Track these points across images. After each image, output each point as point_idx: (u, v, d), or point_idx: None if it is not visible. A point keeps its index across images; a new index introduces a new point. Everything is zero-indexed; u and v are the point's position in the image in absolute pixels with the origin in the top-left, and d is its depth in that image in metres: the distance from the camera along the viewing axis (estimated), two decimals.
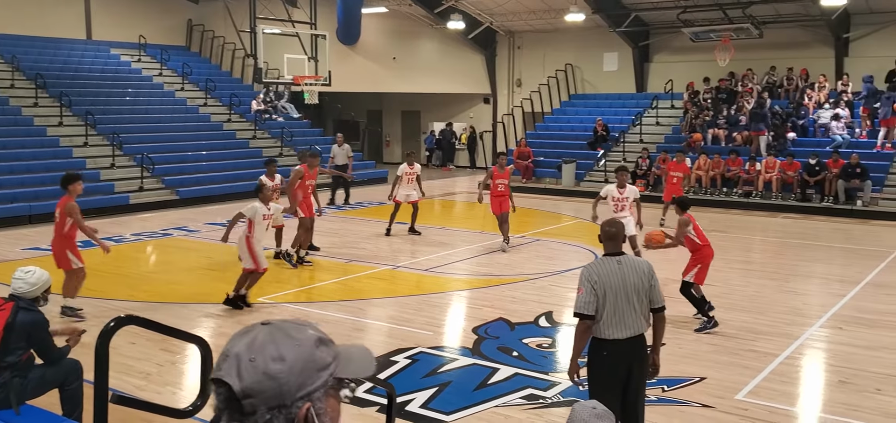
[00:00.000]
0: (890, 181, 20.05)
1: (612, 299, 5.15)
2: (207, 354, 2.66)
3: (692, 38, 24.65)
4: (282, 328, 1.40)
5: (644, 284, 5.24)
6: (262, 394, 1.33)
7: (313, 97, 25.58)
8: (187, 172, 21.84)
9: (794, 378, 8.05)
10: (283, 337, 1.38)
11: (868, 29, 23.77)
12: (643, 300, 5.24)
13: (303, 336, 1.39)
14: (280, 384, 1.34)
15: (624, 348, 5.19)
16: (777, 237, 17.43)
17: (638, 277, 5.23)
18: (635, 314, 5.20)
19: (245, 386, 1.34)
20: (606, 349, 5.21)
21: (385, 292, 11.67)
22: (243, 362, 1.35)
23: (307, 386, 1.36)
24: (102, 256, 10.42)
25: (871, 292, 11.53)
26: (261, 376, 1.34)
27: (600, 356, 5.24)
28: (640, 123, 25.19)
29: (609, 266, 5.25)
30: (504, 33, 30.51)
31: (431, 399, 7.15)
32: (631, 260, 5.33)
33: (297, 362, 1.36)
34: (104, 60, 26.04)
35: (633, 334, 5.22)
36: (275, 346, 1.36)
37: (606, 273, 5.21)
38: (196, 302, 10.77)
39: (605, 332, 5.19)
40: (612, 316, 5.16)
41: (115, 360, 7.17)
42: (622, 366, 5.21)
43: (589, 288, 5.19)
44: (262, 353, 1.35)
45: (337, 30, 28.30)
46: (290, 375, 1.34)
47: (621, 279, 5.19)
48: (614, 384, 5.19)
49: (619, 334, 5.18)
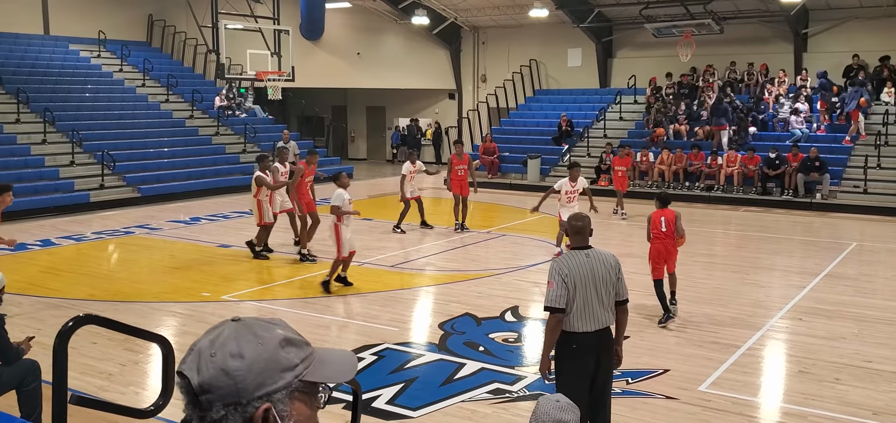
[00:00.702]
0: (848, 175, 20.43)
1: (581, 293, 5.17)
2: (169, 353, 2.63)
3: (654, 33, 24.89)
4: (249, 326, 1.37)
5: (611, 277, 5.28)
6: (218, 390, 1.31)
7: (277, 93, 25.40)
8: (149, 169, 21.55)
9: (756, 369, 8.17)
10: (247, 335, 1.35)
11: (826, 25, 24.19)
12: (610, 293, 5.28)
13: (268, 335, 1.36)
14: (236, 381, 1.31)
15: (592, 341, 5.23)
16: (738, 230, 17.69)
17: (606, 270, 5.27)
18: (603, 307, 5.24)
19: (202, 381, 1.31)
20: (575, 342, 5.23)
21: (351, 288, 11.63)
22: (204, 356, 1.33)
23: (266, 386, 1.32)
24: (62, 255, 10.24)
25: (830, 284, 11.75)
26: (218, 371, 1.31)
27: (570, 349, 5.26)
28: (604, 119, 25.39)
29: (578, 259, 5.27)
30: (469, 29, 30.55)
31: (398, 395, 7.14)
32: (598, 253, 5.36)
33: (257, 360, 1.33)
34: (63, 56, 25.58)
35: (601, 326, 5.26)
36: (236, 343, 1.33)
37: (576, 267, 5.22)
38: (159, 301, 10.64)
39: (575, 325, 5.21)
40: (582, 309, 5.19)
41: (76, 360, 7.07)
42: (591, 359, 5.25)
43: (560, 281, 5.18)
44: (222, 349, 1.33)
45: (300, 25, 28.14)
46: (248, 373, 1.31)
47: (590, 272, 5.21)
48: (583, 377, 5.22)
49: (588, 327, 5.21)
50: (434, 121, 32.70)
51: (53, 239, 15.02)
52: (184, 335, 8.96)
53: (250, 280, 12.15)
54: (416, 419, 6.69)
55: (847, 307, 10.34)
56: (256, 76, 25.01)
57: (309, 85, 29.04)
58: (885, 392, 7.26)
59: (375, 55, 30.79)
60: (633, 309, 10.09)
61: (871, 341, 8.87)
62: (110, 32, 26.49)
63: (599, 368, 5.28)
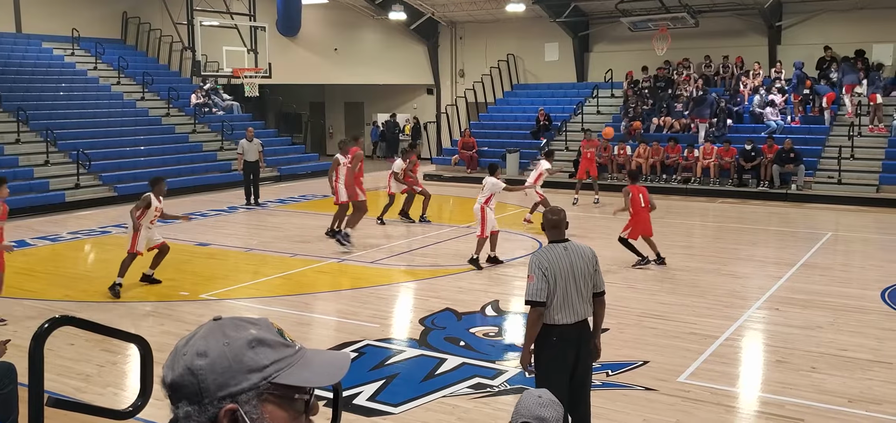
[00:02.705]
0: (822, 165, 20.65)
1: (561, 285, 5.22)
2: (147, 353, 2.61)
3: (630, 27, 25.00)
4: (222, 325, 1.35)
5: (589, 269, 5.34)
6: (182, 389, 1.30)
7: (254, 90, 25.26)
8: (125, 168, 21.35)
9: (734, 359, 8.25)
10: (217, 334, 1.33)
11: (799, 17, 24.43)
12: (588, 285, 5.34)
13: (237, 334, 1.33)
14: (199, 380, 1.29)
15: (572, 333, 5.29)
16: (715, 222, 17.83)
17: (584, 262, 5.33)
18: (582, 300, 5.30)
19: (173, 379, 1.31)
20: (556, 335, 5.28)
21: (331, 285, 11.61)
22: (178, 354, 1.33)
23: (229, 387, 1.29)
24: (38, 256, 10.13)
25: (806, 274, 11.88)
26: (184, 370, 1.30)
27: (550, 341, 5.30)
28: (582, 112, 25.47)
29: (557, 253, 5.32)
30: (446, 24, 30.53)
31: (379, 392, 7.14)
32: (576, 246, 5.42)
33: (220, 360, 1.30)
34: (36, 54, 25.28)
35: (580, 318, 5.32)
36: (204, 341, 1.32)
37: (555, 260, 5.27)
38: (137, 301, 10.55)
39: (555, 317, 5.25)
40: (562, 302, 5.24)
41: (53, 362, 6.99)
42: (571, 351, 5.30)
43: (540, 275, 5.22)
44: (192, 348, 1.32)
45: (277, 21, 28.00)
46: (210, 373, 1.29)
47: (569, 265, 5.27)
48: (563, 369, 5.28)
49: (568, 319, 5.26)
50: (413, 116, 32.66)
51: (28, 240, 14.85)
52: (162, 335, 8.90)
53: (228, 279, 12.08)
54: (397, 415, 6.69)
55: (823, 297, 10.46)
56: (233, 73, 24.85)
57: (286, 81, 28.91)
58: (859, 380, 7.36)
59: (353, 51, 30.69)
60: (614, 302, 10.17)
61: (847, 329, 8.99)
62: (84, 30, 26.20)
63: (578, 360, 5.34)
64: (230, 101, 27.15)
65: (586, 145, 20.29)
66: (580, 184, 19.53)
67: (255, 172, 19.54)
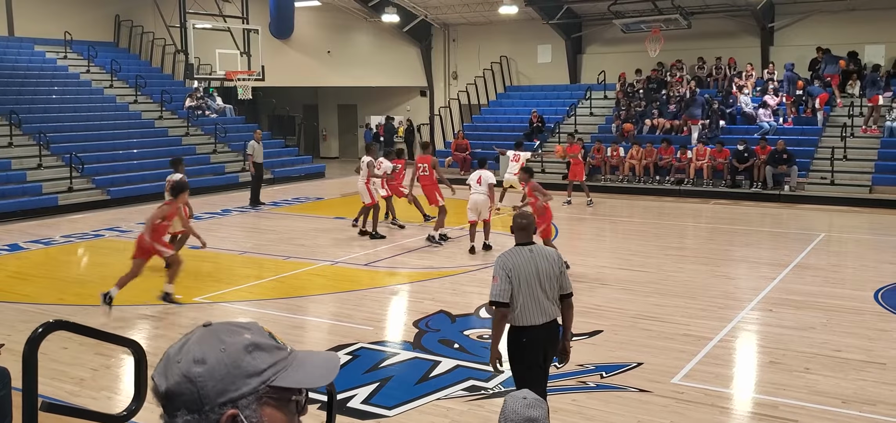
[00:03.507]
0: (815, 166, 20.72)
1: (526, 287, 5.34)
2: (142, 357, 2.61)
3: (623, 29, 25.05)
4: (216, 331, 1.34)
5: (554, 270, 5.45)
6: (180, 397, 1.29)
7: (247, 93, 25.23)
8: (118, 171, 21.31)
9: (728, 360, 8.27)
10: (211, 340, 1.32)
11: (792, 19, 24.51)
12: (554, 287, 5.44)
13: (232, 340, 1.32)
14: (198, 387, 1.28)
15: (541, 333, 5.41)
16: (708, 223, 17.86)
17: (548, 264, 5.44)
18: (549, 301, 5.41)
19: (168, 387, 1.30)
20: (526, 336, 5.40)
21: (325, 288, 11.60)
22: (171, 362, 1.31)
23: (229, 393, 1.29)
24: (31, 260, 10.10)
25: (799, 275, 11.91)
26: (182, 378, 1.29)
27: (520, 343, 5.43)
28: (575, 114, 25.50)
29: (522, 255, 5.44)
30: (439, 26, 30.54)
31: (373, 395, 7.13)
32: (541, 249, 5.55)
33: (219, 366, 1.29)
34: (28, 57, 25.20)
35: (549, 319, 5.44)
36: (200, 348, 1.31)
37: (520, 262, 5.39)
38: (130, 304, 10.52)
39: (525, 319, 5.37)
40: (529, 303, 5.35)
41: (47, 366, 6.97)
42: (539, 351, 5.45)
43: (504, 276, 5.36)
44: (187, 354, 1.30)
45: (270, 24, 27.97)
46: (209, 379, 1.28)
47: (535, 267, 5.38)
48: (535, 368, 5.46)
49: (537, 320, 5.38)
50: (406, 118, 32.66)
51: (21, 243, 14.80)
52: (156, 339, 8.89)
53: (222, 282, 12.05)
54: (391, 418, 6.69)
55: (816, 298, 10.49)
56: (226, 76, 24.81)
57: (279, 84, 28.88)
58: (853, 381, 7.38)
59: (346, 53, 30.68)
60: (607, 304, 10.19)
61: (840, 330, 9.01)
62: (76, 33, 26.14)
63: (545, 359, 5.53)
64: (223, 105, 27.12)
65: (570, 150, 20.44)
66: (571, 186, 19.57)
67: (261, 174, 19.77)
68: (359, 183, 15.16)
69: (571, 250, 14.57)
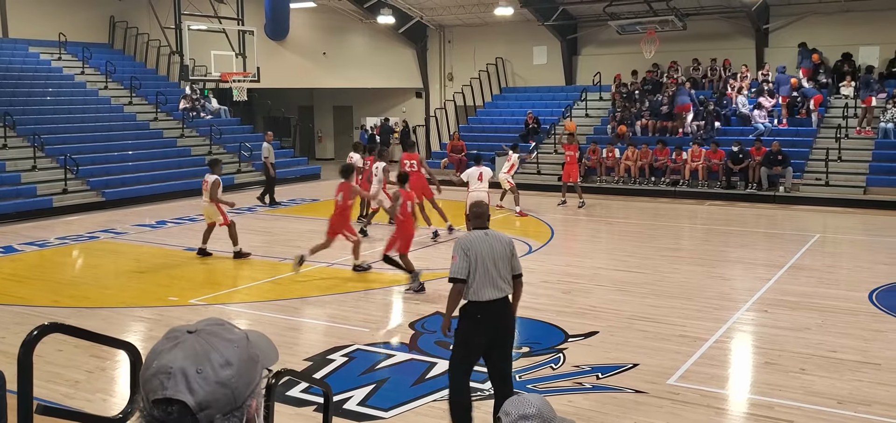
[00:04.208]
0: (810, 167, 20.76)
1: (482, 266, 5.90)
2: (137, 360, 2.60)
3: (618, 31, 25.08)
4: (214, 333, 1.37)
5: (506, 252, 6.03)
6: (216, 403, 1.32)
7: (242, 94, 25.20)
8: (113, 172, 21.26)
9: (723, 361, 8.28)
10: (220, 342, 1.36)
11: (786, 20, 24.57)
12: (507, 267, 6.01)
13: (235, 336, 1.39)
14: (232, 389, 1.33)
15: (494, 308, 5.95)
16: (704, 224, 17.90)
17: (502, 247, 6.03)
18: (501, 279, 5.96)
19: (199, 400, 1.31)
20: (480, 312, 5.94)
21: (320, 289, 11.58)
22: (191, 375, 1.32)
23: (252, 384, 1.37)
24: (25, 262, 10.08)
25: (794, 276, 11.94)
26: (214, 386, 1.32)
27: (475, 318, 5.97)
28: (570, 116, 25.52)
29: (478, 237, 6.05)
30: (434, 27, 30.54)
31: (369, 397, 7.13)
32: (495, 233, 6.15)
33: (242, 363, 1.36)
34: (22, 59, 25.13)
35: (501, 296, 5.98)
36: (218, 353, 1.34)
37: (477, 243, 5.98)
38: (125, 306, 10.50)
39: (480, 295, 5.91)
40: (484, 280, 5.90)
41: (42, 368, 6.94)
42: (490, 326, 5.98)
43: (462, 255, 5.93)
44: (208, 362, 1.33)
45: (265, 25, 27.92)
46: (240, 378, 1.34)
47: (489, 248, 5.96)
48: (482, 341, 6.02)
49: (491, 296, 5.92)
50: (402, 119, 32.65)
51: (16, 245, 14.76)
52: (151, 341, 8.82)
53: (217, 284, 12.04)
54: (387, 419, 6.68)
55: (811, 298, 10.51)
56: (221, 77, 24.77)
57: (275, 85, 28.85)
58: (848, 381, 7.39)
59: (341, 55, 30.66)
60: (603, 305, 10.20)
61: (835, 331, 9.03)
62: (71, 34, 26.07)
63: (498, 333, 6.03)
64: (217, 106, 27.09)
65: (566, 148, 20.39)
66: (566, 187, 19.58)
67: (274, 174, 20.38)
68: (374, 188, 15.40)
69: (567, 251, 14.60)
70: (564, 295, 10.83)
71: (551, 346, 8.52)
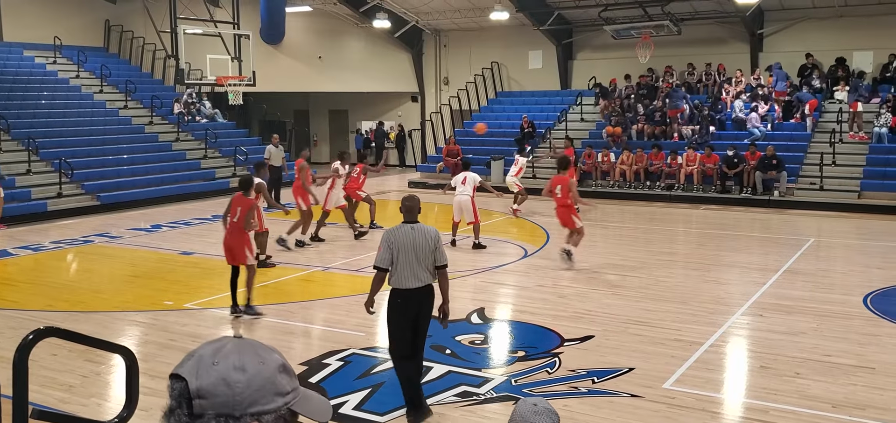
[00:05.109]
0: (804, 172, 20.81)
1: (404, 257, 6.44)
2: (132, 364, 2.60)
3: (614, 35, 25.13)
4: (251, 345, 1.41)
5: (430, 245, 6.50)
6: (214, 397, 1.33)
7: (238, 98, 25.18)
8: (108, 176, 21.23)
9: (718, 365, 8.29)
10: (250, 352, 1.39)
11: (780, 25, 24.64)
12: (429, 258, 6.49)
13: (268, 357, 1.40)
14: (235, 393, 1.34)
15: (414, 295, 6.51)
16: (699, 228, 17.92)
17: (425, 240, 6.51)
18: (423, 269, 6.48)
19: (200, 386, 1.33)
20: (400, 297, 6.53)
21: (316, 293, 11.57)
22: (205, 362, 1.35)
23: (260, 405, 1.36)
24: (20, 266, 10.05)
25: (789, 280, 11.96)
26: (218, 379, 1.33)
27: (396, 302, 6.56)
28: (566, 120, 25.56)
29: (404, 231, 6.55)
30: (430, 32, 30.56)
31: (365, 401, 7.12)
32: (422, 227, 6.61)
33: (257, 378, 1.36)
34: (17, 62, 25.10)
35: (422, 284, 6.51)
36: (239, 357, 1.37)
37: (401, 236, 6.51)
38: (120, 310, 10.48)
39: (401, 283, 6.49)
40: (404, 269, 6.45)
41: (36, 373, 6.92)
42: (412, 309, 6.54)
43: (386, 247, 6.51)
44: (225, 360, 1.36)
45: (260, 29, 27.92)
46: (247, 388, 1.35)
47: (412, 241, 6.47)
48: (405, 323, 6.57)
49: (411, 284, 6.48)
50: (397, 123, 32.66)
51: (10, 249, 14.72)
52: (146, 345, 8.85)
53: (213, 288, 12.01)
54: None
55: (806, 303, 10.53)
56: (217, 81, 24.75)
57: (270, 89, 28.84)
58: (843, 385, 7.41)
59: (337, 59, 30.67)
60: (599, 309, 10.21)
61: (830, 335, 9.05)
62: (66, 38, 26.05)
63: (420, 316, 6.59)
64: (212, 109, 27.07)
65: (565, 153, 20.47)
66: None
67: (279, 176, 20.44)
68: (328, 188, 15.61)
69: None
70: (560, 299, 10.83)
71: (547, 350, 8.52)
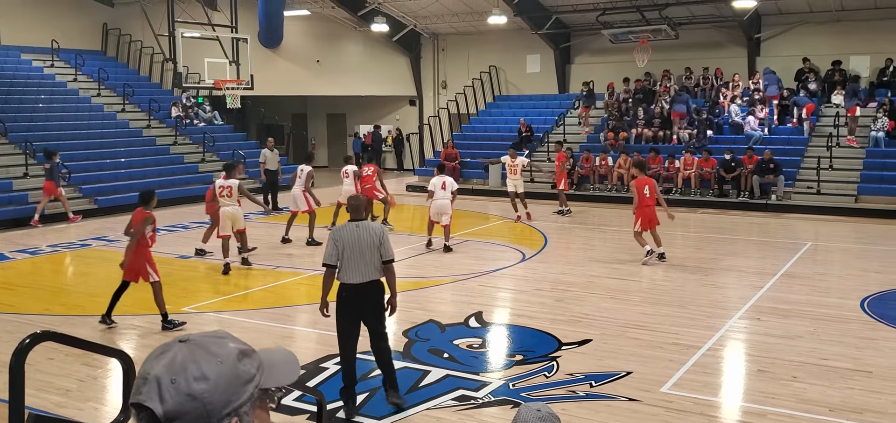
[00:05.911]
0: (802, 176, 20.83)
1: (349, 253, 6.75)
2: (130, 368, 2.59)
3: (611, 39, 25.16)
4: (201, 345, 1.35)
5: (375, 242, 6.80)
6: (186, 416, 1.29)
7: (235, 101, 25.16)
8: (106, 180, 21.21)
9: (716, 369, 8.29)
10: (203, 355, 1.33)
11: (778, 29, 24.69)
12: (375, 254, 6.79)
13: (224, 352, 1.35)
14: (204, 403, 1.30)
15: (360, 289, 6.81)
16: (696, 232, 17.92)
17: (371, 237, 6.80)
18: (368, 265, 6.79)
19: (167, 409, 1.29)
20: (346, 292, 6.84)
21: (313, 297, 11.53)
22: (164, 384, 1.30)
23: (233, 402, 1.32)
24: (16, 270, 10.04)
25: (786, 283, 11.96)
26: (184, 397, 1.29)
27: (343, 296, 6.87)
28: (563, 123, 25.58)
29: (350, 229, 6.85)
30: (428, 36, 30.58)
31: (363, 405, 7.11)
32: (368, 225, 6.94)
33: (221, 379, 1.32)
34: (14, 66, 25.07)
35: (367, 280, 6.81)
36: (196, 365, 1.32)
37: (347, 234, 6.81)
38: (118, 314, 10.45)
39: (346, 278, 6.81)
40: (349, 265, 6.76)
41: (32, 377, 6.91)
42: (358, 302, 6.84)
43: (332, 244, 6.81)
44: (183, 373, 1.31)
45: (258, 33, 27.92)
46: (215, 393, 1.31)
47: (357, 239, 6.76)
48: (353, 316, 6.90)
49: (356, 279, 6.78)
50: (395, 127, 32.67)
51: (7, 253, 14.70)
52: (144, 349, 8.83)
53: (210, 292, 12.01)
54: None
55: (803, 306, 10.54)
56: (215, 85, 24.73)
57: (268, 93, 28.83)
58: (840, 389, 7.41)
59: (335, 63, 30.67)
60: (597, 313, 10.21)
61: (827, 339, 9.05)
62: (64, 41, 26.03)
63: (367, 309, 6.91)
64: (210, 112, 27.06)
65: (559, 158, 20.60)
66: (564, 195, 19.67)
67: (275, 180, 20.67)
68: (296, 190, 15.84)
69: (560, 259, 14.60)
70: (558, 303, 10.83)
71: (545, 354, 8.52)
